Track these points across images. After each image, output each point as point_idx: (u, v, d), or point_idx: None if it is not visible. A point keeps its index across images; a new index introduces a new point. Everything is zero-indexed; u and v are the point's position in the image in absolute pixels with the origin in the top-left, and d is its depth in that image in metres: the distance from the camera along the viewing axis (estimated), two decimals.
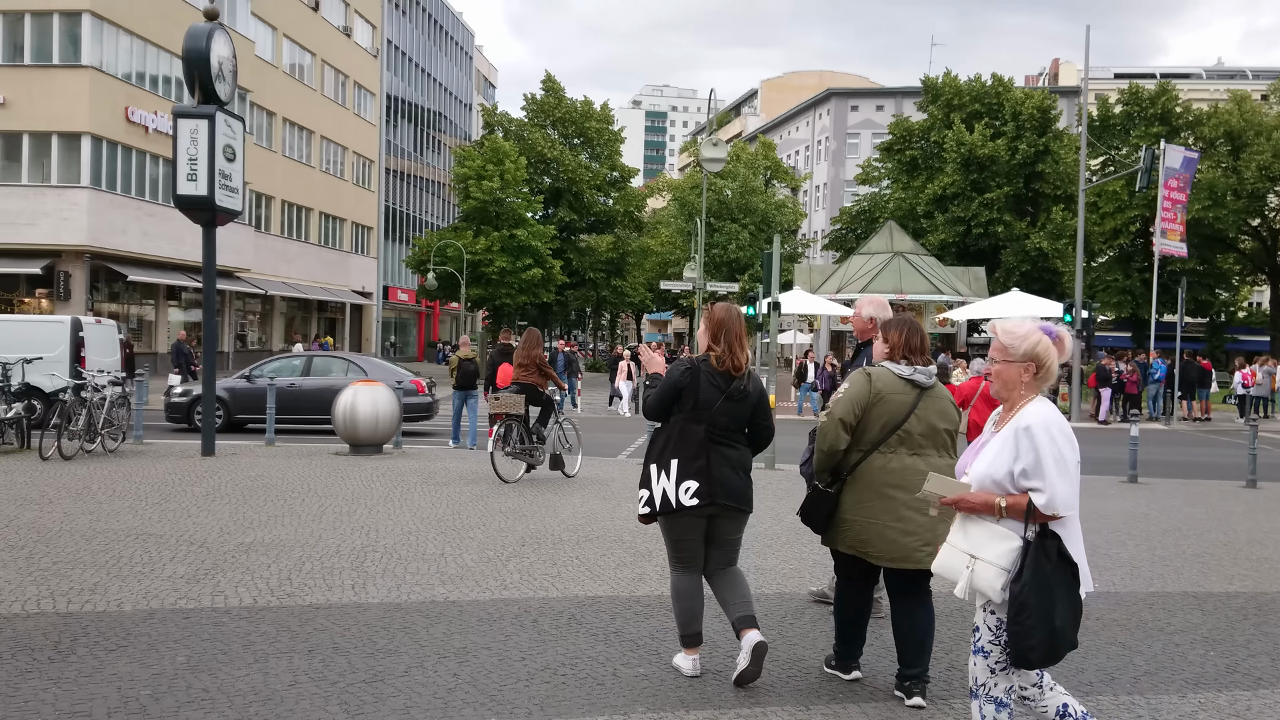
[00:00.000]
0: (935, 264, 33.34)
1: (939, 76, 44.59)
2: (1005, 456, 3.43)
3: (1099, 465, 16.47)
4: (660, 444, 5.01)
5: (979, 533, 3.47)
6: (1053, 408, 3.54)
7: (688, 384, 4.98)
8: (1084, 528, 3.26)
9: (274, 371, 17.55)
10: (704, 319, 5.18)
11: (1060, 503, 3.36)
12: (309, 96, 48.57)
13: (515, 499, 10.34)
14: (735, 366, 5.03)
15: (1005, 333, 3.63)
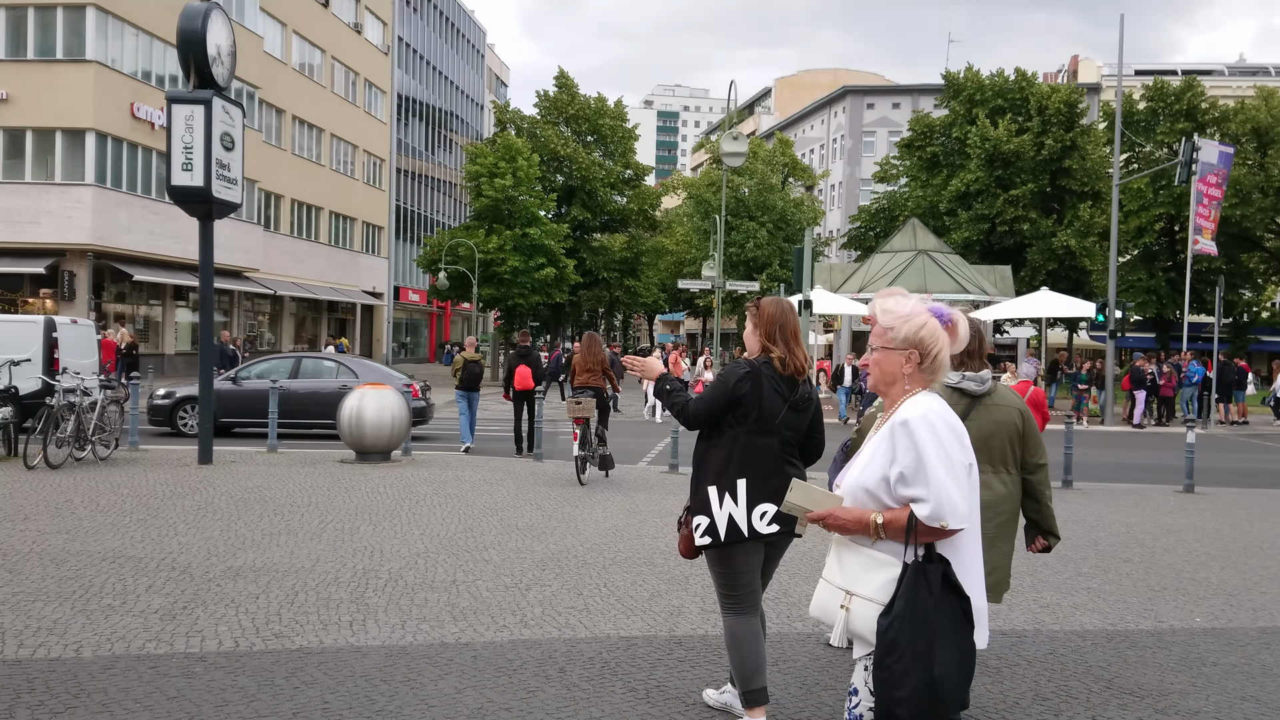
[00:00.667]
0: (960, 262, 32.41)
1: (960, 71, 43.57)
2: (880, 460, 2.77)
3: (1147, 473, 15.58)
4: (719, 462, 4.20)
5: (854, 561, 2.79)
6: (939, 401, 2.84)
7: (747, 392, 4.17)
8: (1154, 544, 2.49)
9: (262, 373, 16.81)
10: (752, 316, 4.39)
11: (948, 511, 2.66)
12: (319, 94, 47.88)
13: (533, 513, 9.51)
14: (798, 370, 4.27)
15: (885, 312, 2.96)
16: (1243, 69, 68.89)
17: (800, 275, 13.97)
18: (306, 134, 47.11)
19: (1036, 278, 37.86)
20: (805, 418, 4.32)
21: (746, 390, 4.18)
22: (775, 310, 4.33)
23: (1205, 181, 26.98)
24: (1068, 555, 8.35)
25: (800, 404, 4.26)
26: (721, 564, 4.25)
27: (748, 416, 4.17)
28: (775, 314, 4.32)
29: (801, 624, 5.97)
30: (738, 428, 4.18)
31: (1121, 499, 12.25)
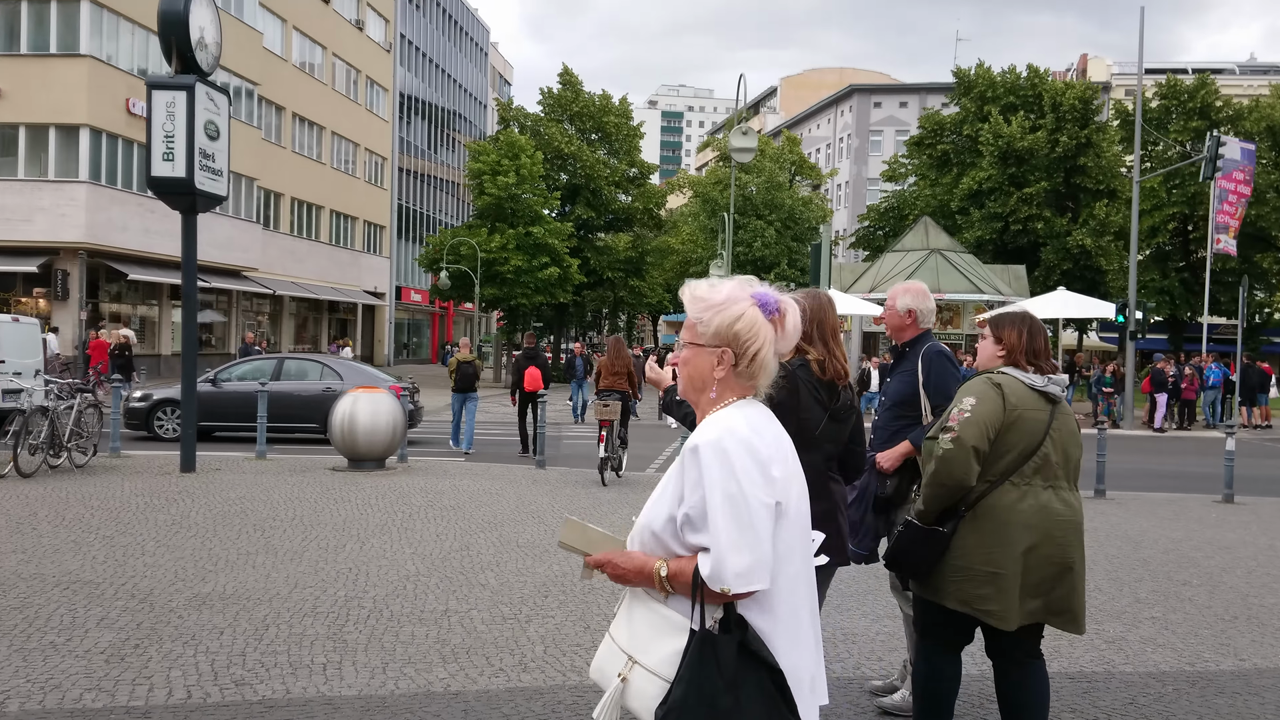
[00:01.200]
0: (974, 261, 31.66)
1: (971, 68, 42.84)
2: (669, 495, 2.18)
3: (1179, 481, 14.87)
4: None
5: (643, 620, 2.19)
6: (751, 416, 2.21)
7: (784, 400, 3.49)
8: (1209, 564, 1.86)
9: (243, 375, 16.18)
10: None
11: (730, 570, 2.04)
12: (320, 91, 47.24)
13: (534, 529, 8.80)
14: (839, 373, 3.65)
15: (694, 300, 2.30)
16: (1254, 67, 68.04)
17: (818, 272, 13.26)
18: (307, 131, 46.46)
19: (1051, 277, 37.12)
20: (846, 428, 3.71)
21: (782, 398, 3.50)
22: (811, 305, 3.68)
23: (1230, 179, 26.21)
24: (1120, 577, 7.63)
25: (842, 413, 3.66)
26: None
27: (784, 428, 3.49)
28: (811, 309, 3.67)
29: (839, 666, 5.26)
30: None
31: (1160, 510, 11.54)
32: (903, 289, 4.68)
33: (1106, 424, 14.67)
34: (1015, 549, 3.61)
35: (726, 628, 2.07)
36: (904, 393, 4.53)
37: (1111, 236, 37.74)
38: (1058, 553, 3.66)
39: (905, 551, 3.80)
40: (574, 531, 2.30)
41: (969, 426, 3.63)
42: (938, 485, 3.67)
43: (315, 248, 47.29)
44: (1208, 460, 18.42)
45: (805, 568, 2.25)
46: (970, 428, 3.63)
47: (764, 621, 2.12)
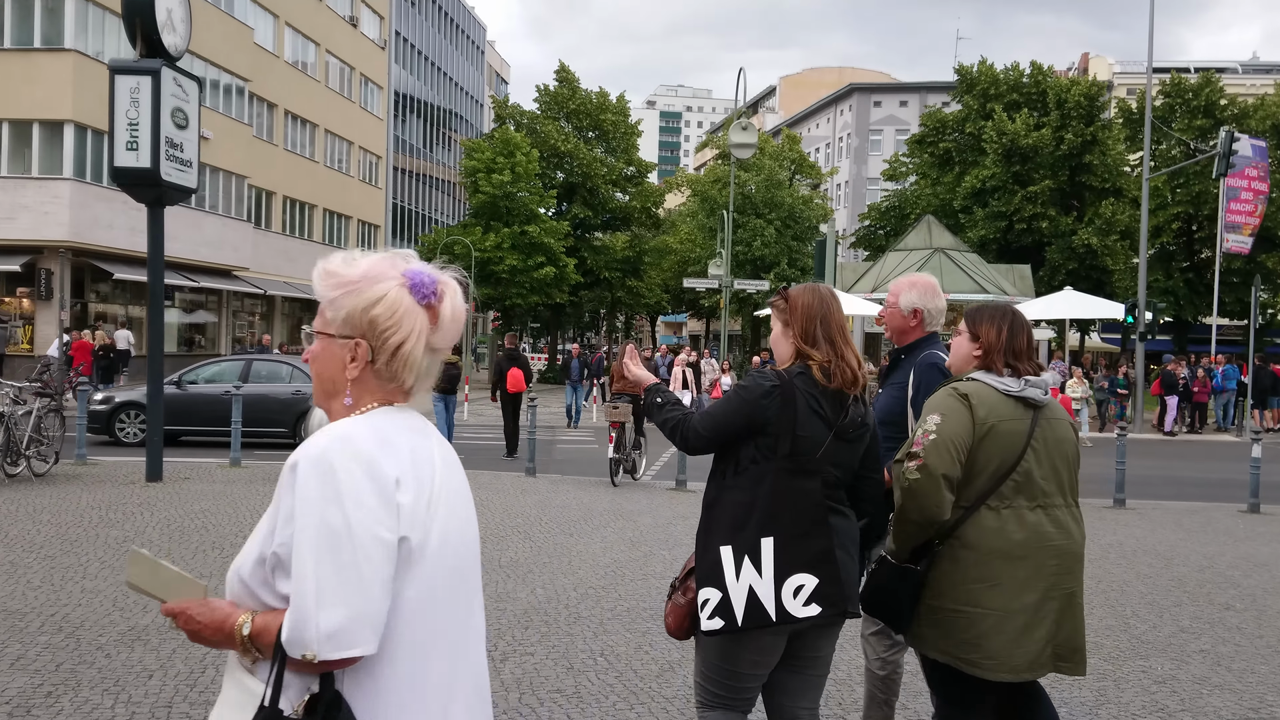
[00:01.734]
0: (978, 261, 31.02)
1: (973, 65, 42.22)
2: (263, 529, 1.67)
3: (1198, 488, 14.18)
4: (736, 511, 2.92)
5: (228, 696, 1.69)
6: (385, 427, 1.68)
7: (775, 414, 2.89)
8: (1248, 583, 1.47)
9: (211, 377, 15.58)
10: (780, 312, 3.11)
11: (320, 630, 1.52)
12: (312, 88, 46.54)
13: (519, 546, 8.14)
14: (849, 380, 2.97)
15: (326, 277, 1.80)
16: (1257, 66, 67.43)
17: (822, 270, 12.62)
18: (299, 129, 45.78)
19: (1056, 277, 36.49)
20: (858, 449, 3.05)
21: (774, 411, 2.89)
22: (811, 300, 3.06)
23: (1243, 176, 25.56)
24: (1157, 601, 6.97)
25: (851, 430, 2.99)
26: (725, 655, 2.95)
27: (776, 448, 2.88)
28: (812, 304, 3.05)
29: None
30: (764, 463, 2.90)
31: (1184, 521, 10.90)
32: (908, 283, 3.98)
33: (1127, 428, 14.00)
34: (1000, 584, 3.05)
35: (312, 709, 1.51)
36: (891, 409, 3.85)
37: (1117, 236, 37.11)
38: (1053, 584, 3.09)
39: (880, 592, 3.24)
40: (142, 569, 1.72)
41: (936, 451, 3.05)
42: (906, 521, 3.11)
43: (308, 247, 46.56)
44: (1225, 465, 17.80)
45: (454, 626, 1.68)
46: (937, 452, 3.05)
47: (372, 704, 1.56)
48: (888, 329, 4.01)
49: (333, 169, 49.28)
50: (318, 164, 47.40)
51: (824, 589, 2.81)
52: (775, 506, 2.85)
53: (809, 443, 2.88)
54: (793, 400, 2.88)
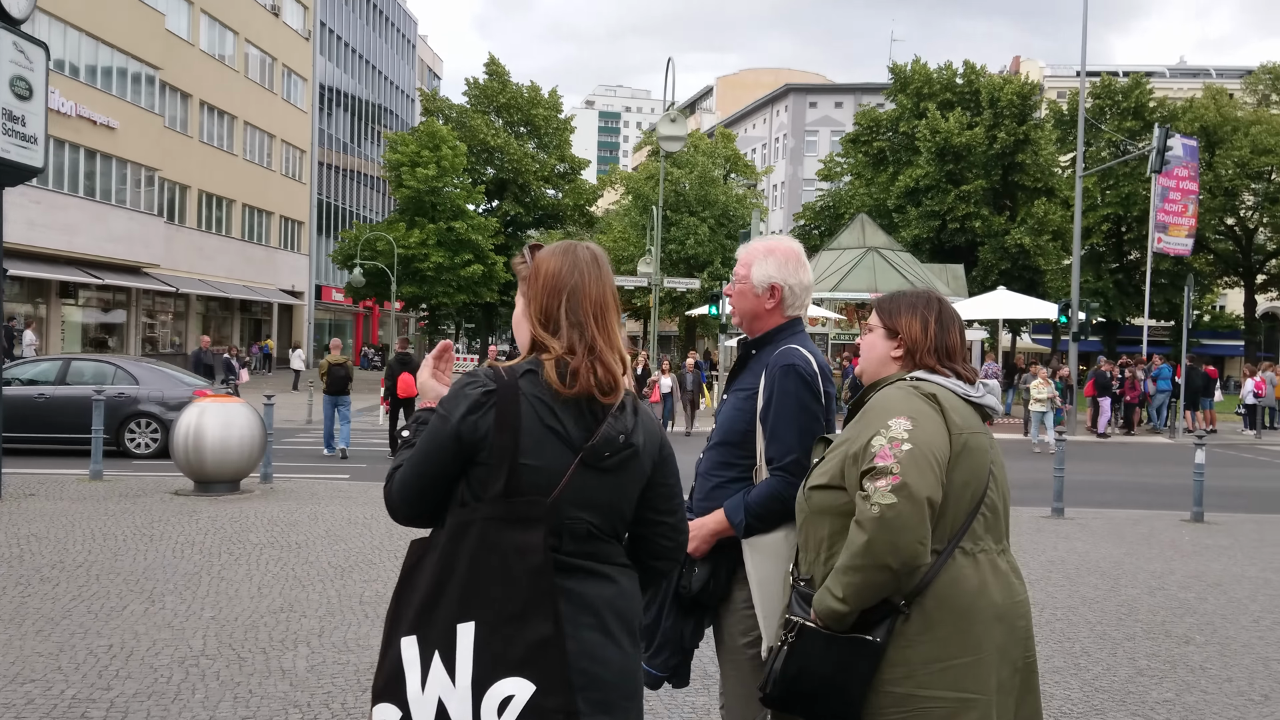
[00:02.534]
0: (912, 260, 30.59)
1: (907, 64, 41.97)
2: None
3: (1138, 494, 13.55)
4: (426, 582, 1.97)
5: None
6: None
7: (488, 435, 1.94)
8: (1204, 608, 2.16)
9: (32, 378, 14.38)
10: (520, 280, 2.13)
11: None
12: (230, 79, 44.70)
13: (390, 575, 7.10)
14: (604, 383, 2.02)
15: None
16: (1184, 70, 68.52)
17: None
18: (216, 121, 43.94)
19: (989, 277, 36.33)
20: (624, 483, 2.05)
21: (486, 430, 1.94)
22: (560, 266, 2.08)
23: (1173, 175, 25.36)
24: (1108, 633, 6.18)
25: (607, 456, 2.00)
26: None
27: (487, 484, 1.93)
28: (560, 271, 2.07)
29: None
30: (465, 509, 1.96)
31: (1127, 532, 10.22)
32: (763, 249, 2.95)
33: (1064, 433, 13.38)
34: (983, 658, 2.28)
35: None
36: (734, 425, 2.88)
37: (1049, 236, 37.08)
38: (1023, 653, 2.38)
39: (810, 680, 2.30)
40: None
41: (915, 466, 2.20)
42: (873, 567, 2.20)
43: (226, 244, 44.76)
44: (1162, 469, 17.33)
45: None
46: (917, 468, 2.20)
47: None
48: (735, 312, 3.01)
49: (253, 163, 47.46)
50: (236, 157, 45.58)
51: (542, 701, 1.85)
52: (476, 575, 1.90)
53: (538, 476, 1.93)
54: (513, 412, 1.94)
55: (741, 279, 2.95)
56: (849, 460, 2.33)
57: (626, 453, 2.00)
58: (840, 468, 2.35)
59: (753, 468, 2.81)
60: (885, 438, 2.25)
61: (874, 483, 2.20)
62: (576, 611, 1.93)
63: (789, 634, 2.38)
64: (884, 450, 2.23)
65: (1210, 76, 66.16)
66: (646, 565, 2.15)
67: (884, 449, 2.23)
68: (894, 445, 2.23)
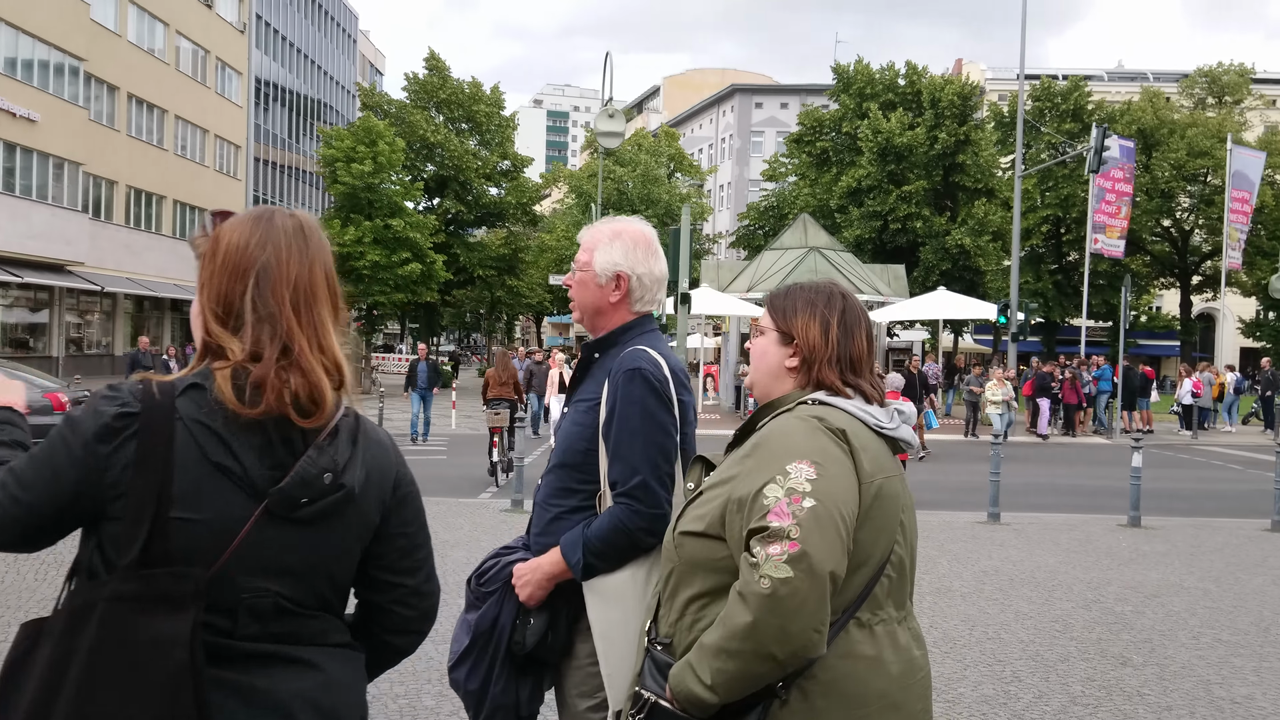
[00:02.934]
0: (853, 260, 30.48)
1: (850, 64, 41.93)
2: None
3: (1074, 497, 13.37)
4: (32, 689, 1.39)
5: None
6: None
7: (124, 478, 1.42)
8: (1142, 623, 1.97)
9: None
10: (201, 259, 1.57)
11: None
12: (160, 71, 43.40)
13: None
14: (304, 399, 1.49)
15: None
16: (1122, 74, 69.52)
17: (677, 261, 11.32)
18: (145, 114, 42.64)
19: (930, 277, 36.37)
20: (332, 538, 1.54)
21: (120, 468, 1.43)
22: (248, 239, 1.57)
23: (1109, 177, 25.44)
24: (1041, 654, 5.82)
25: (304, 500, 1.48)
26: None
27: (122, 549, 1.42)
28: (244, 247, 1.57)
29: None
30: (97, 580, 1.45)
31: (1063, 539, 9.96)
32: (608, 232, 2.51)
33: (999, 437, 13.15)
34: None
35: None
36: (574, 441, 2.41)
37: (989, 237, 37.24)
38: None
39: None
40: None
41: (819, 529, 1.74)
42: (758, 657, 1.74)
43: (156, 240, 43.46)
44: (1100, 470, 17.24)
45: None
46: (821, 531, 1.74)
47: None
48: (575, 306, 2.55)
49: (184, 158, 46.17)
50: (167, 152, 44.29)
51: None
52: (93, 684, 1.39)
53: (197, 536, 1.43)
54: (162, 444, 1.42)
55: (582, 266, 2.49)
56: (732, 506, 1.85)
57: (334, 497, 1.49)
58: (722, 514, 1.87)
59: (596, 494, 2.35)
60: (782, 488, 1.78)
61: (765, 548, 1.73)
62: (255, 716, 1.43)
63: (638, 713, 1.91)
64: (780, 506, 1.76)
65: (1147, 80, 67.25)
66: (382, 642, 1.67)
67: (780, 504, 1.76)
68: (793, 500, 1.75)
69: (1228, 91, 45.98)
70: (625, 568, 2.27)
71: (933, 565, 8.38)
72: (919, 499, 10.79)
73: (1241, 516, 11.83)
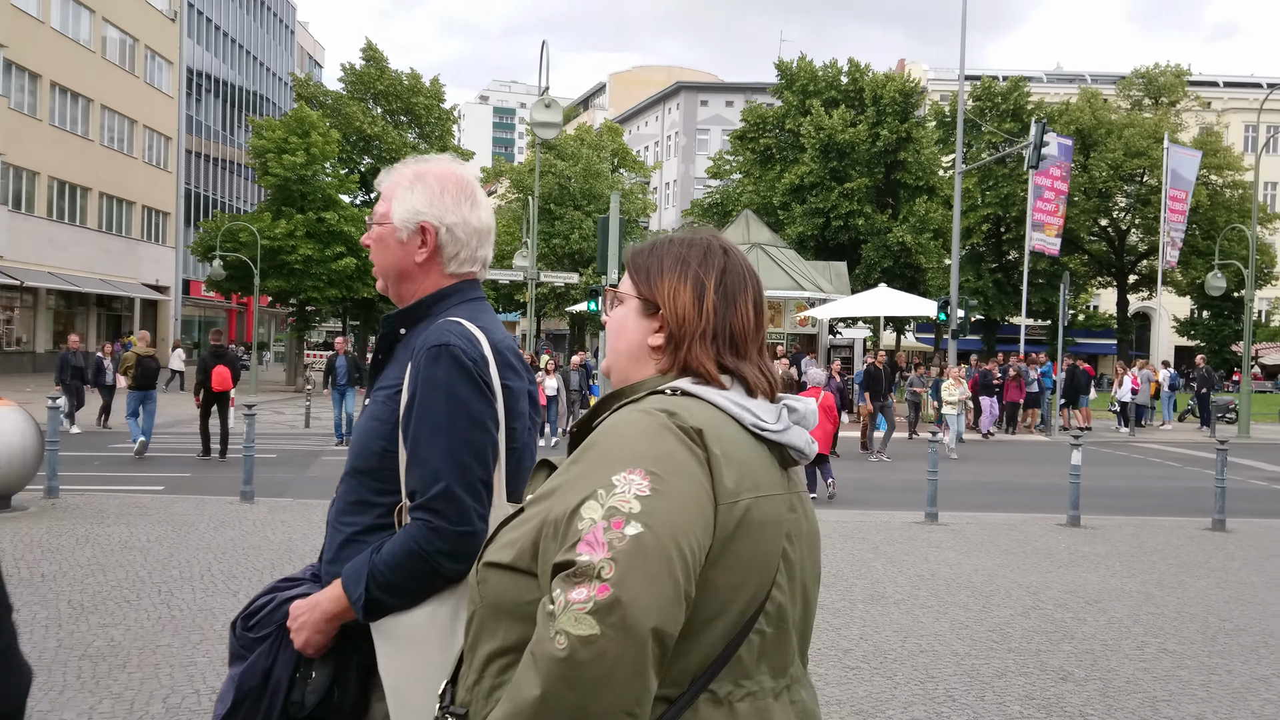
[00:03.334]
0: (795, 257, 30.18)
1: (793, 61, 41.76)
2: None
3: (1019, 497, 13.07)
4: None
5: None
6: None
7: None
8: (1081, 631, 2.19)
9: None
10: None
11: None
12: (86, 59, 41.87)
13: (150, 620, 5.90)
14: None
15: None
16: (1061, 76, 70.42)
17: (606, 252, 10.80)
18: (70, 104, 41.10)
19: (872, 275, 36.28)
20: None
21: None
22: None
23: (1047, 175, 25.42)
24: (976, 669, 5.39)
25: None
26: None
27: None
28: None
29: None
30: None
31: (1002, 539, 9.62)
32: (410, 174, 1.98)
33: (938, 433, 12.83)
34: None
35: None
36: (370, 440, 1.90)
37: (930, 234, 37.28)
38: None
39: None
40: None
41: (642, 568, 1.23)
42: None
43: (81, 234, 41.91)
44: (1039, 468, 17.04)
45: None
46: (646, 571, 1.23)
47: None
48: (377, 271, 2.03)
49: (111, 149, 44.60)
50: (93, 143, 42.74)
51: None
52: None
53: None
54: None
55: (379, 218, 1.96)
56: (548, 530, 1.32)
57: None
58: (535, 540, 1.34)
59: (398, 506, 1.82)
60: (602, 506, 1.25)
61: (568, 591, 1.21)
62: None
63: None
64: (594, 532, 1.24)
65: (1086, 81, 68.12)
66: None
67: (595, 530, 1.24)
68: (613, 524, 1.23)
69: (1164, 93, 46.59)
70: (424, 604, 1.74)
71: (867, 569, 7.97)
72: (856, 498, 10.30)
73: (1181, 515, 11.62)
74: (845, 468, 14.56)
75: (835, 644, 5.78)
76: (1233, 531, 10.47)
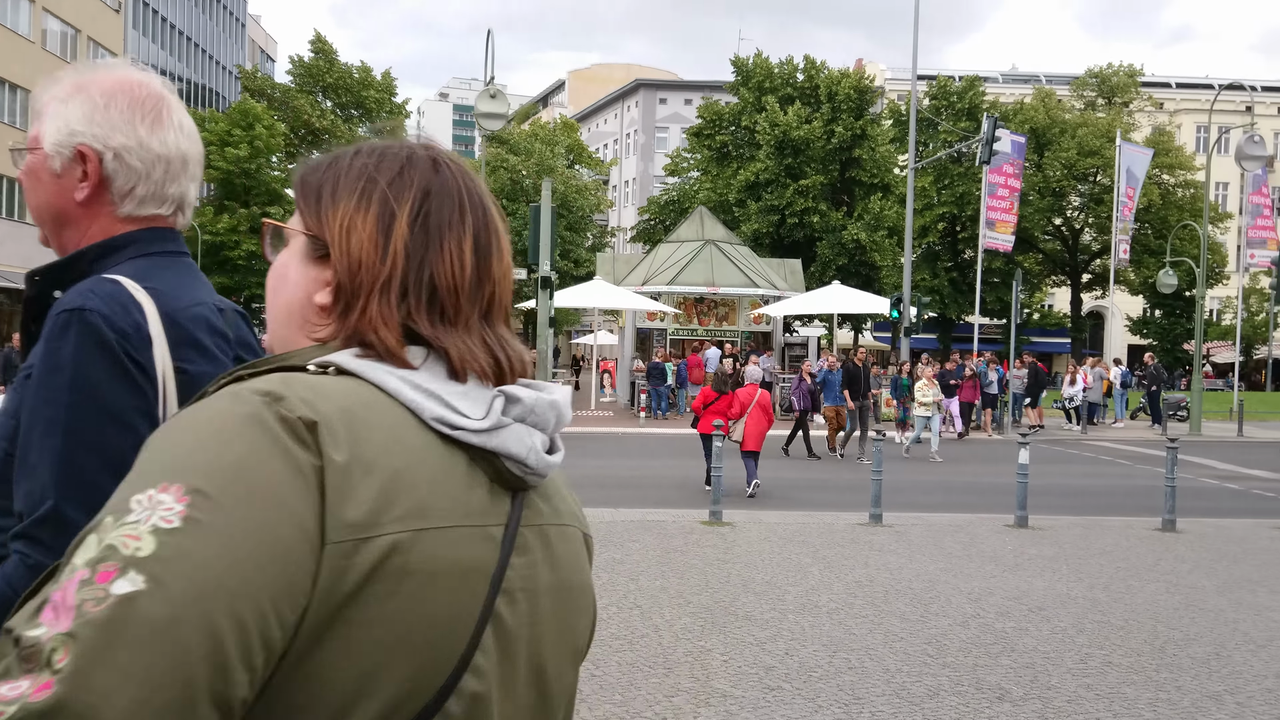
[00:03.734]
0: (749, 254, 29.86)
1: (749, 58, 41.45)
2: None
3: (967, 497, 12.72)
4: None
5: None
6: None
7: None
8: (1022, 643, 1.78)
9: None
10: None
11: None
12: (24, 50, 40.61)
13: None
14: None
15: None
16: (1016, 76, 70.83)
17: (536, 242, 10.29)
18: (9, 96, 39.88)
19: (827, 272, 36.06)
20: None
21: None
22: None
23: (1000, 172, 25.26)
24: (908, 687, 4.96)
25: None
26: None
27: None
28: None
29: None
30: None
31: (946, 542, 9.24)
32: (69, 86, 1.46)
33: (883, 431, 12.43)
34: None
35: None
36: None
37: (885, 232, 37.15)
38: None
39: None
40: None
41: (123, 649, 0.69)
42: None
43: (18, 229, 40.60)
44: (990, 468, 16.73)
45: None
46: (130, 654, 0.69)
47: None
48: (33, 214, 1.52)
49: None
50: None
51: None
52: None
53: None
54: None
55: (31, 143, 1.46)
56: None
57: None
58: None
59: None
60: (99, 544, 0.74)
61: (7, 680, 0.70)
62: None
63: None
64: (68, 586, 0.72)
65: (1040, 81, 68.55)
66: None
67: (72, 581, 0.73)
68: (98, 574, 0.72)
69: (1117, 92, 46.89)
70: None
71: (803, 575, 7.54)
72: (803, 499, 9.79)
73: (1131, 515, 11.33)
74: (795, 467, 14.17)
75: (758, 660, 5.32)
76: (1183, 532, 10.18)
